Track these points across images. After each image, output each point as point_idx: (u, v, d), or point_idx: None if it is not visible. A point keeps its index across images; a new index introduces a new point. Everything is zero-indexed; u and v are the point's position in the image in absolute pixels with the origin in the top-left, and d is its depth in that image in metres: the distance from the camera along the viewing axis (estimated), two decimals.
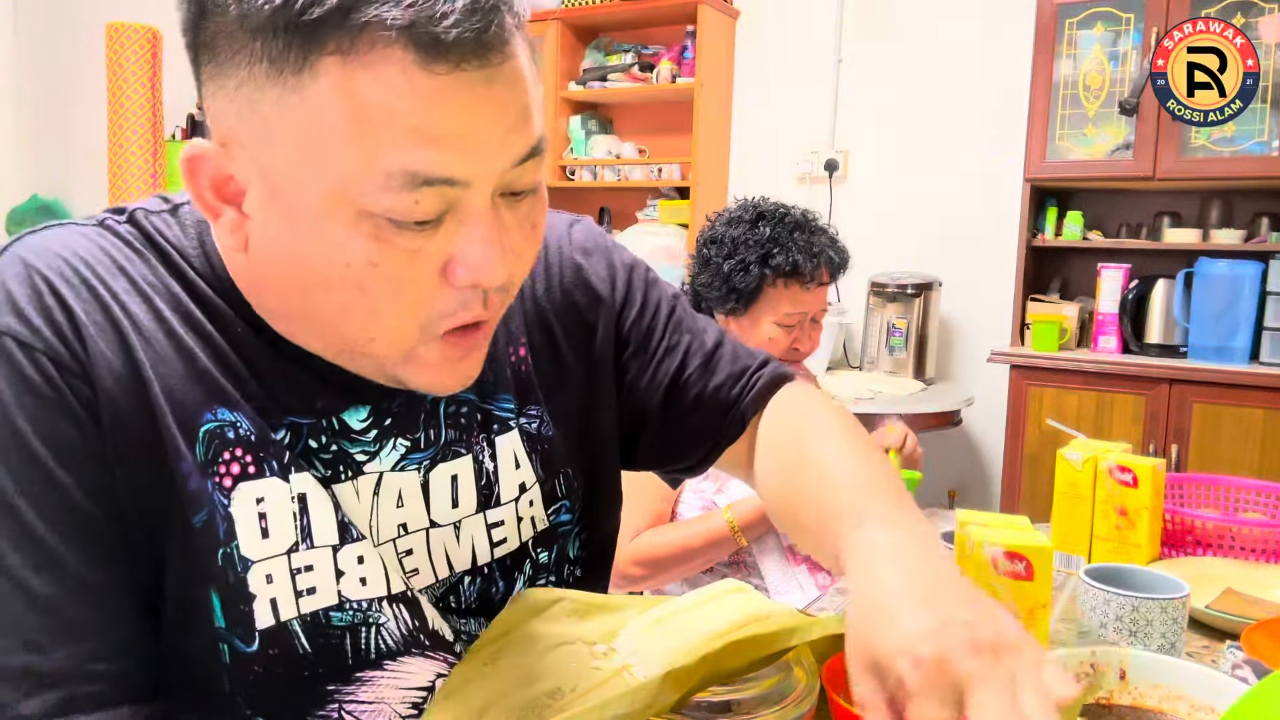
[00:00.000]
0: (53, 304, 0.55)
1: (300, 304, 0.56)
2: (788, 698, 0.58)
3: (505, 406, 0.70)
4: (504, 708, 0.53)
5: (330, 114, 0.48)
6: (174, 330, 0.58)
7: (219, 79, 0.51)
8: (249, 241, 0.55)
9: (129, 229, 0.61)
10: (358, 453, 0.63)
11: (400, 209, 0.49)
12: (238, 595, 0.57)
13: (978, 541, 0.77)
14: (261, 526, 0.58)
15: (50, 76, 5.33)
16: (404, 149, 0.48)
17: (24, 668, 0.51)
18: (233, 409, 0.58)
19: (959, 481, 3.27)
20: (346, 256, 0.51)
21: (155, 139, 3.51)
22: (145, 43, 3.42)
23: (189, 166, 0.53)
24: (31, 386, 0.53)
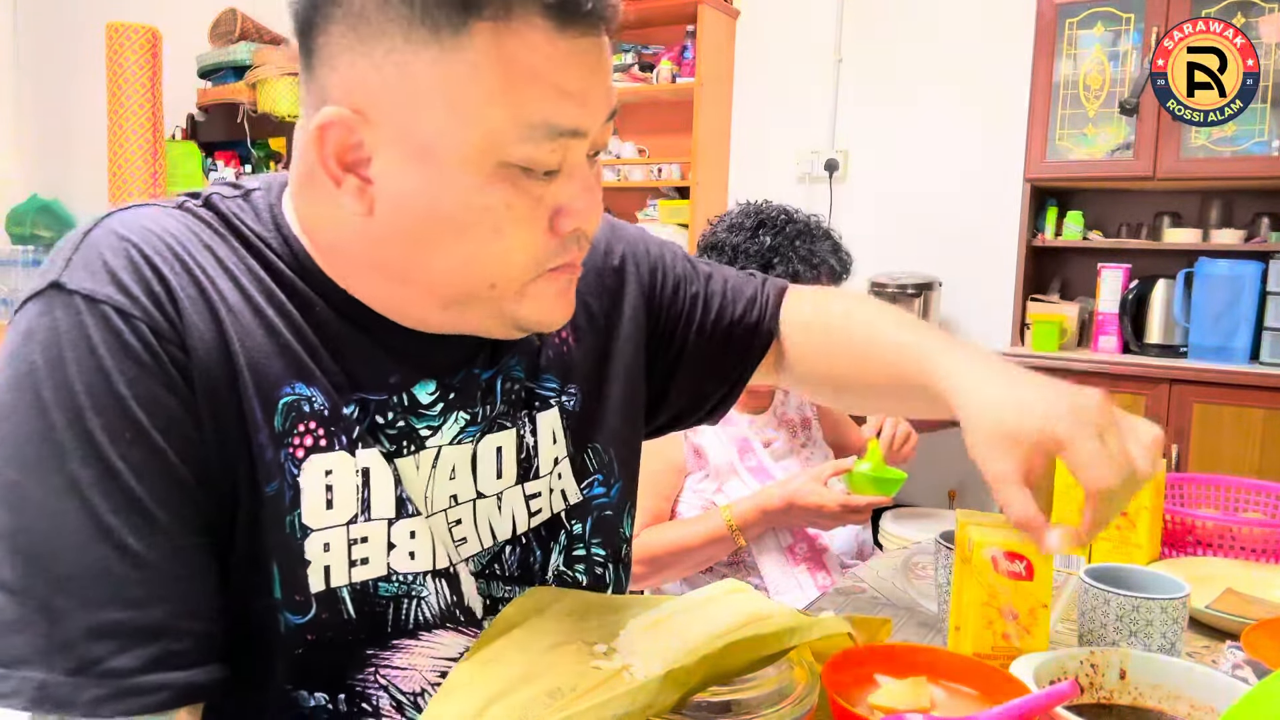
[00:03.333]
0: (149, 275, 0.57)
1: (422, 260, 0.60)
2: (788, 698, 0.58)
3: (549, 385, 0.75)
4: (503, 706, 0.53)
5: (484, 73, 0.54)
6: (258, 306, 0.60)
7: (361, 48, 0.55)
8: (374, 205, 0.58)
9: (207, 212, 0.63)
10: (423, 428, 0.66)
11: (536, 157, 0.57)
12: (296, 563, 0.60)
13: (978, 542, 0.77)
14: (327, 498, 0.61)
15: (50, 76, 5.33)
16: (545, 103, 0.55)
17: (120, 623, 0.53)
18: (309, 383, 0.61)
19: (959, 481, 3.27)
20: (486, 201, 0.57)
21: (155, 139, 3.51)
22: (145, 43, 3.42)
23: (320, 134, 0.57)
24: (131, 353, 0.55)
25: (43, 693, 0.51)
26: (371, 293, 0.64)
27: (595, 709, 0.52)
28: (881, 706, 0.63)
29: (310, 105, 0.60)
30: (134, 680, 0.53)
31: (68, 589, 0.52)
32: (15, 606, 0.52)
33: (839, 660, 0.66)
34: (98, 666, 0.52)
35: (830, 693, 0.61)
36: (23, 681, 0.51)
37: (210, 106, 4.47)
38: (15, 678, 0.51)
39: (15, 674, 0.51)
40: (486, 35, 0.54)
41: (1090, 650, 0.70)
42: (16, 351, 0.55)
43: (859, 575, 1.14)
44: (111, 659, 0.52)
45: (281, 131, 4.32)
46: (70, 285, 0.56)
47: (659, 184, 3.60)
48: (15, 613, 0.52)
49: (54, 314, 0.55)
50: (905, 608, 1.01)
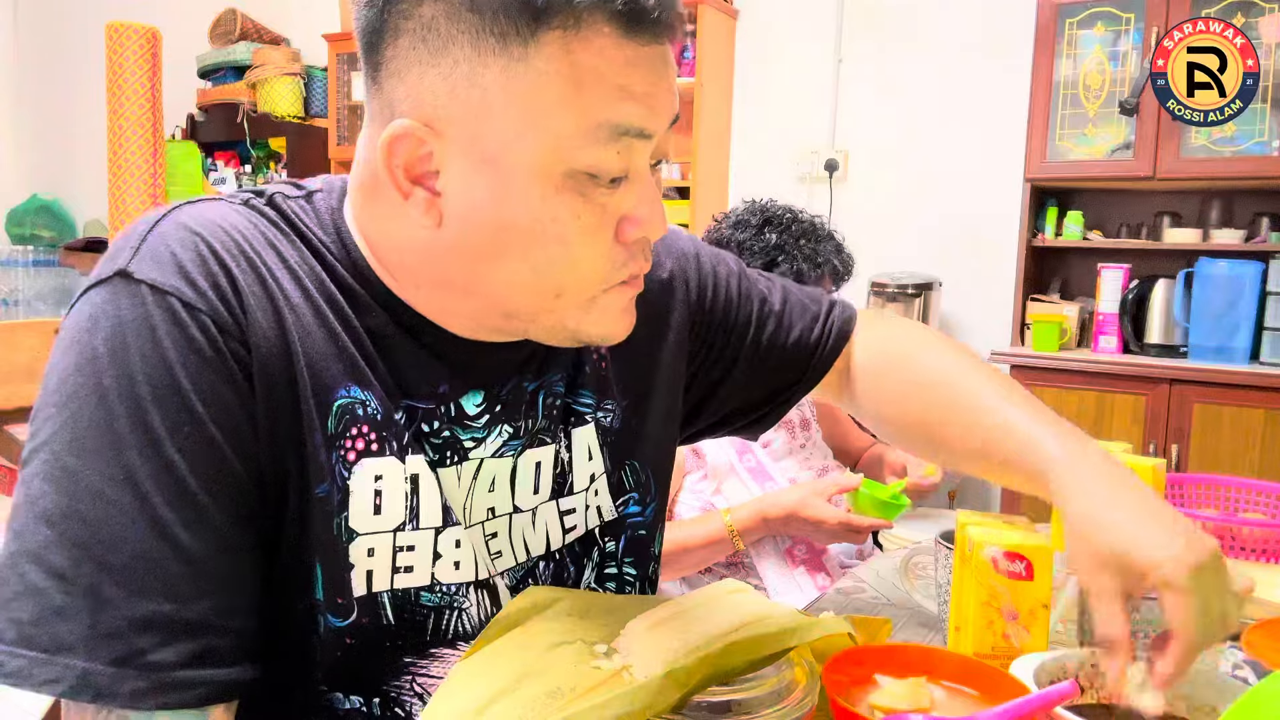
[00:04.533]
0: (216, 269, 0.57)
1: (489, 272, 0.60)
2: (788, 698, 0.58)
3: (585, 401, 0.75)
4: (504, 706, 0.53)
5: (552, 79, 0.55)
6: (319, 307, 0.61)
7: (430, 60, 0.55)
8: (443, 217, 0.58)
9: (271, 211, 0.63)
10: (467, 439, 0.66)
11: (602, 162, 0.57)
12: (340, 565, 0.60)
13: (978, 541, 0.77)
14: (375, 503, 0.61)
15: (50, 76, 5.32)
16: (610, 104, 0.56)
17: (164, 615, 0.53)
18: (364, 388, 0.61)
19: (959, 482, 3.27)
20: (554, 211, 0.57)
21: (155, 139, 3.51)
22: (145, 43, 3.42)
23: (390, 147, 0.57)
24: (195, 346, 0.55)
25: (84, 681, 0.51)
26: (430, 303, 0.64)
27: (595, 709, 0.52)
28: (881, 706, 0.63)
29: (377, 117, 0.59)
30: (174, 674, 0.53)
31: (116, 578, 0.52)
32: (61, 593, 0.52)
33: (839, 660, 0.66)
34: (140, 658, 0.52)
35: (830, 693, 0.61)
36: (65, 669, 0.51)
37: (210, 106, 4.47)
38: (58, 664, 0.51)
39: (58, 661, 0.51)
40: (555, 44, 0.54)
41: (1090, 650, 0.70)
42: (79, 338, 0.55)
43: (859, 575, 1.14)
44: (154, 652, 0.52)
45: (281, 131, 4.32)
46: (138, 274, 0.56)
47: None
48: (61, 599, 0.52)
49: (119, 302, 0.55)
50: (905, 608, 1.01)
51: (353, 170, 0.65)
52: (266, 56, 4.33)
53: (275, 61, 4.32)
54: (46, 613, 0.52)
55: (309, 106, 4.41)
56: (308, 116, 4.41)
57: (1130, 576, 0.61)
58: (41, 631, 0.52)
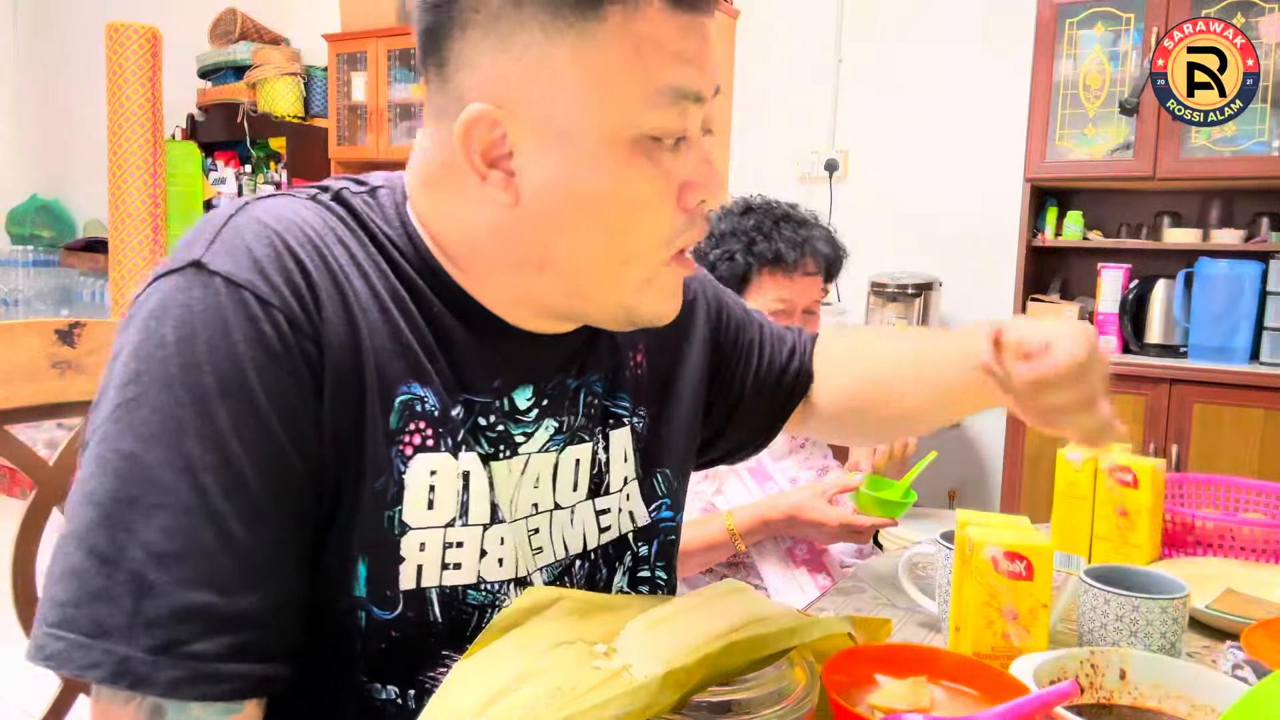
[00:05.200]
0: (291, 266, 0.58)
1: (564, 242, 0.62)
2: (788, 698, 0.58)
3: (622, 404, 0.77)
4: (504, 706, 0.53)
5: (616, 50, 0.58)
6: (385, 304, 0.62)
7: (501, 45, 0.59)
8: (519, 194, 0.61)
9: (339, 207, 0.64)
10: (518, 434, 0.68)
11: (666, 124, 0.60)
12: (389, 558, 0.61)
13: (978, 542, 0.77)
14: (429, 498, 0.62)
15: (50, 76, 5.32)
16: (669, 69, 0.60)
17: (208, 606, 0.53)
18: (425, 384, 0.62)
19: (959, 481, 3.27)
20: (626, 175, 0.60)
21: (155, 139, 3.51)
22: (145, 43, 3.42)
23: (468, 130, 0.59)
24: (265, 342, 0.55)
25: (123, 668, 0.51)
26: (496, 291, 0.66)
27: (595, 709, 0.52)
28: (881, 706, 0.63)
29: (445, 112, 0.62)
30: (213, 666, 0.53)
31: (163, 565, 0.52)
32: (104, 576, 0.52)
33: (839, 660, 0.66)
34: (180, 648, 0.52)
35: (830, 693, 0.61)
36: (105, 654, 0.51)
37: (210, 106, 4.47)
38: (98, 649, 0.51)
39: (98, 645, 0.51)
40: (617, 18, 0.58)
41: (1090, 650, 0.70)
42: (147, 324, 0.55)
43: (859, 575, 1.14)
44: (194, 642, 0.52)
45: (281, 131, 4.32)
46: (212, 266, 0.56)
47: None
48: (103, 582, 0.52)
49: (192, 292, 0.55)
50: (905, 608, 1.01)
51: (412, 168, 0.67)
52: (266, 56, 4.33)
53: (275, 61, 4.32)
54: (87, 595, 0.52)
55: (309, 106, 4.40)
56: (308, 116, 4.40)
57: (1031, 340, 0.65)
58: (82, 614, 0.52)
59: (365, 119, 4.15)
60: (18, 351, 0.84)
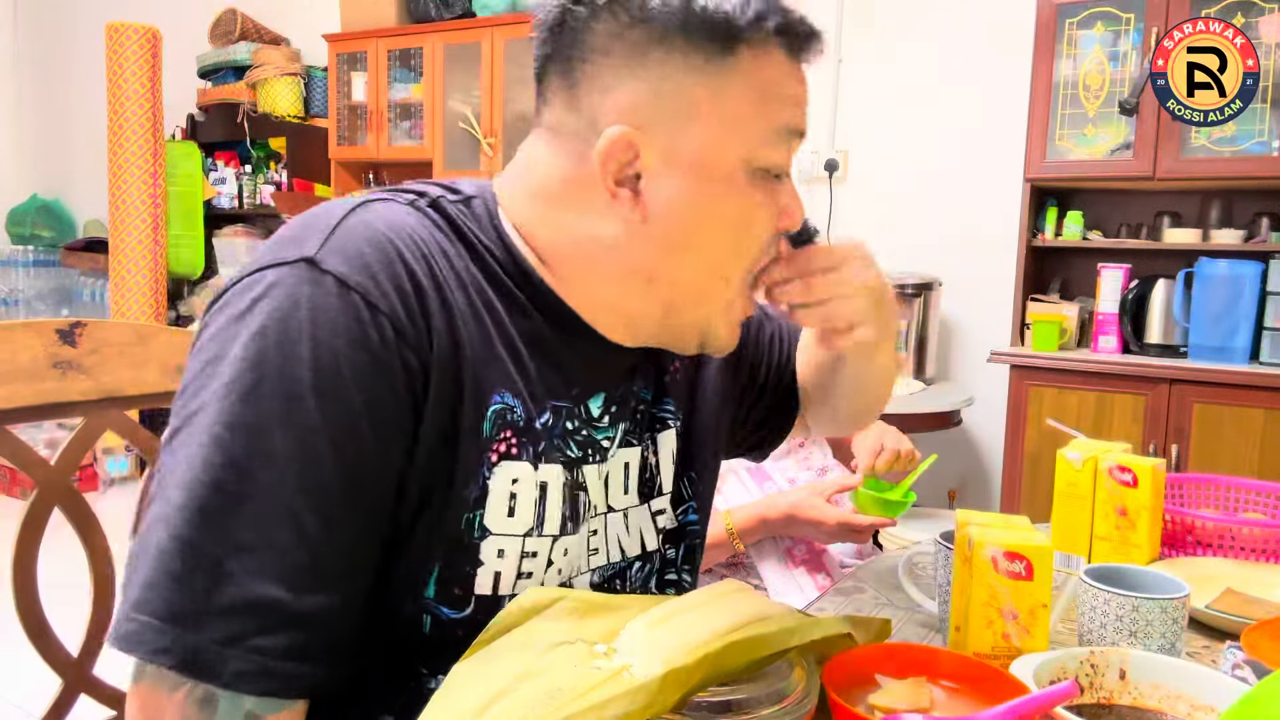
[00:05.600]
0: (402, 273, 0.59)
1: (679, 260, 0.66)
2: (788, 698, 0.58)
3: (667, 409, 0.80)
4: (504, 706, 0.53)
5: (748, 90, 0.64)
6: (479, 313, 0.64)
7: (641, 73, 0.63)
8: (648, 213, 0.64)
9: (436, 215, 0.65)
10: (602, 439, 0.71)
11: (778, 159, 0.66)
12: (466, 560, 0.62)
13: (978, 541, 0.77)
14: (510, 505, 0.64)
15: (50, 76, 5.32)
16: (787, 110, 0.66)
17: (277, 602, 0.53)
18: (514, 394, 0.64)
19: (959, 481, 3.27)
20: (746, 202, 0.66)
21: (155, 139, 3.51)
22: (145, 43, 3.42)
23: (609, 152, 0.63)
24: (369, 345, 0.56)
25: (193, 656, 0.51)
26: (590, 294, 0.68)
27: (595, 709, 0.52)
28: (881, 706, 0.63)
29: (572, 128, 0.65)
30: (275, 663, 0.53)
31: (240, 555, 0.52)
32: (181, 559, 0.52)
33: (839, 660, 0.66)
34: (247, 641, 0.52)
35: (830, 693, 0.61)
36: (177, 641, 0.51)
37: (210, 106, 4.47)
38: (171, 635, 0.51)
39: (172, 631, 0.51)
40: (747, 61, 0.63)
41: (1090, 650, 0.70)
42: (249, 312, 0.55)
43: (859, 575, 1.14)
44: (258, 636, 0.52)
45: (281, 131, 4.32)
46: (325, 265, 0.56)
47: None
48: (180, 565, 0.52)
49: (301, 288, 0.56)
50: (905, 608, 1.01)
51: (516, 177, 0.69)
52: (266, 56, 4.33)
53: (275, 61, 4.32)
54: (164, 576, 0.52)
55: (309, 106, 4.40)
56: (308, 116, 4.40)
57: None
58: (155, 596, 0.52)
59: (365, 119, 4.15)
60: (18, 351, 0.84)
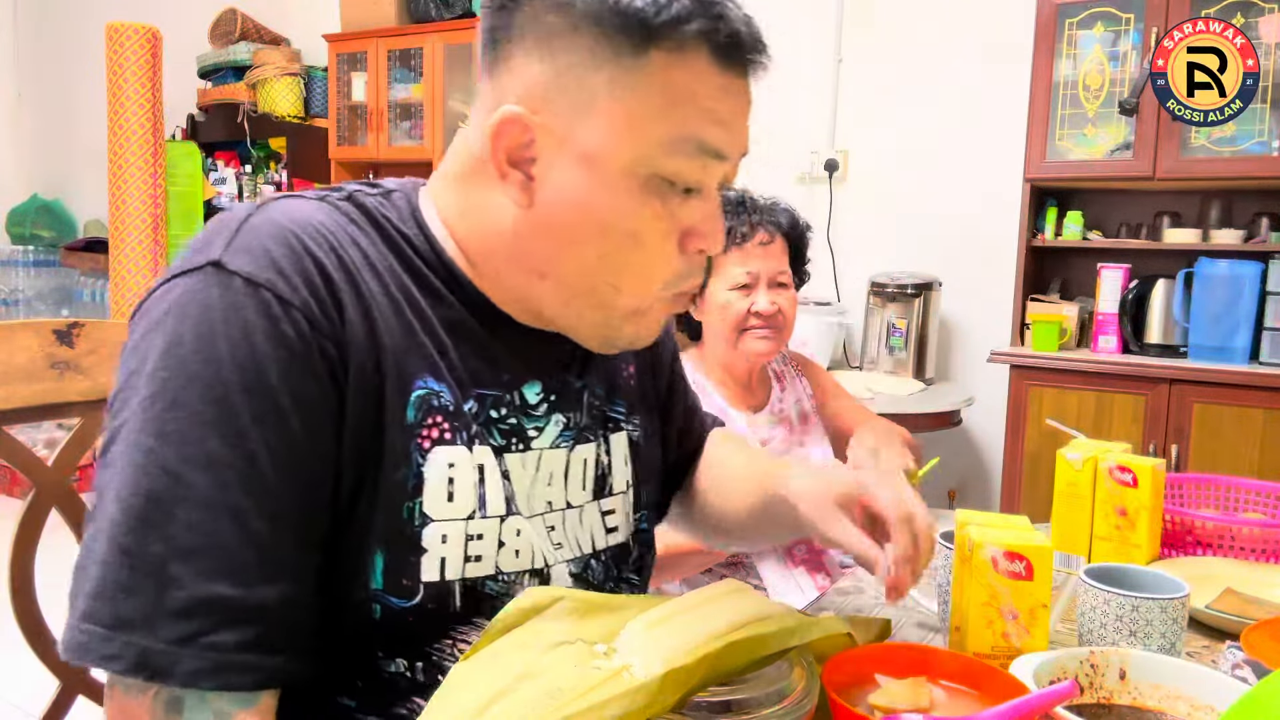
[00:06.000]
0: (310, 265, 0.59)
1: (562, 254, 0.64)
2: (788, 698, 0.58)
3: (619, 410, 0.80)
4: (503, 706, 0.53)
5: (652, 92, 0.61)
6: (397, 301, 0.64)
7: (549, 59, 0.62)
8: (535, 198, 0.64)
9: (351, 207, 0.66)
10: (530, 428, 0.71)
11: (682, 172, 0.63)
12: (409, 548, 0.62)
13: (978, 542, 0.77)
14: (449, 490, 0.64)
15: (50, 76, 5.32)
16: (699, 123, 0.62)
17: (228, 598, 0.54)
18: (439, 380, 0.64)
19: (959, 481, 3.27)
20: (633, 207, 0.63)
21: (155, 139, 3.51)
22: (145, 43, 3.42)
23: (499, 129, 0.62)
24: (286, 341, 0.56)
25: (143, 659, 0.52)
26: (504, 289, 0.68)
27: (595, 709, 0.52)
28: (881, 706, 0.63)
29: (488, 105, 0.64)
30: (233, 657, 0.54)
31: (185, 558, 0.53)
32: (126, 569, 0.53)
33: (839, 660, 0.66)
34: (200, 639, 0.53)
35: (830, 693, 0.61)
36: (126, 646, 0.52)
37: (210, 106, 4.47)
38: (118, 641, 0.52)
39: (119, 637, 0.52)
40: (660, 62, 0.61)
41: (1090, 650, 0.70)
42: (163, 322, 0.56)
43: (859, 575, 1.14)
44: (214, 633, 0.53)
45: (281, 131, 4.32)
46: (231, 265, 0.57)
47: None
48: (125, 575, 0.53)
49: (210, 291, 0.56)
50: (905, 608, 1.01)
51: (446, 163, 0.69)
52: (266, 56, 4.33)
53: (275, 61, 4.31)
54: (110, 587, 0.53)
55: (309, 106, 4.40)
56: (308, 116, 4.40)
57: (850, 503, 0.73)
58: (104, 606, 0.53)
59: (365, 119, 4.15)
60: (17, 352, 0.84)
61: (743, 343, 1.49)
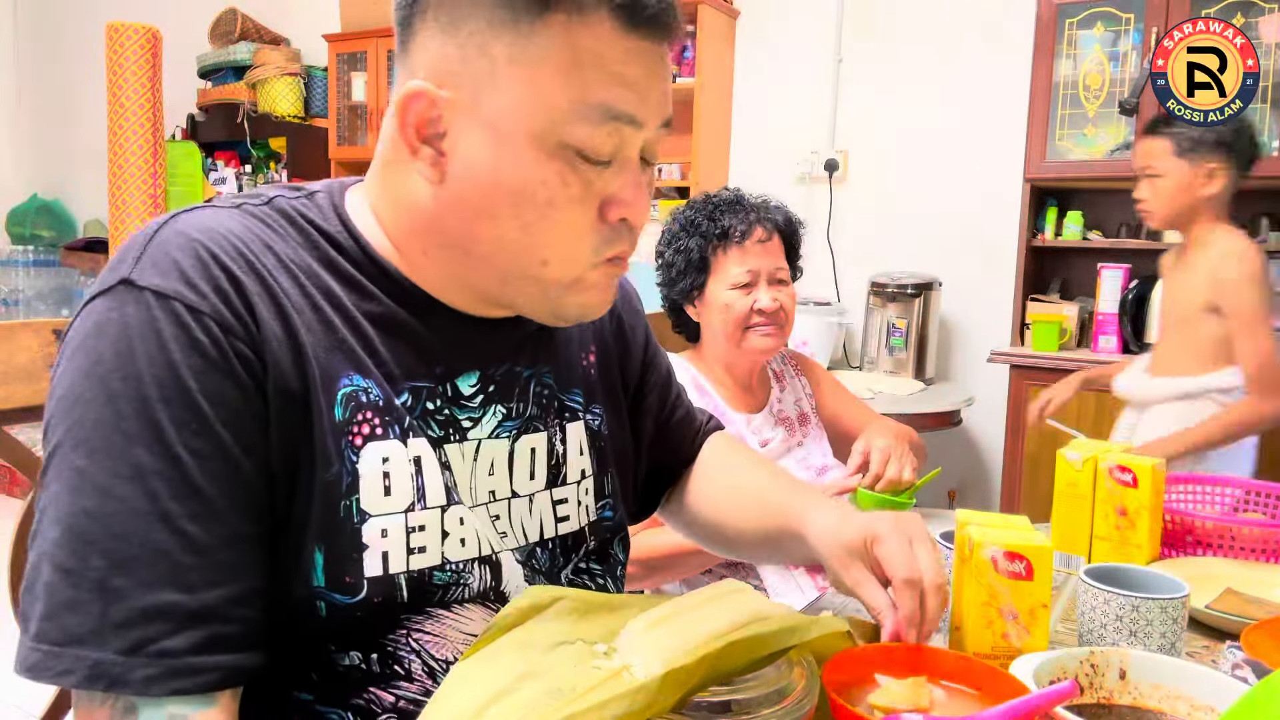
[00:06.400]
0: (218, 274, 0.59)
1: (481, 230, 0.64)
2: (788, 698, 0.58)
3: (575, 399, 0.79)
4: (503, 706, 0.53)
5: (553, 57, 0.60)
6: (317, 303, 0.64)
7: (450, 29, 0.61)
8: (446, 174, 0.63)
9: (268, 210, 0.66)
10: (465, 419, 0.70)
11: (592, 141, 0.62)
12: (350, 545, 0.62)
13: (978, 541, 0.77)
14: (385, 485, 0.64)
15: (50, 76, 5.32)
16: (605, 88, 0.61)
17: (174, 604, 0.55)
18: (365, 376, 0.64)
19: (959, 481, 3.28)
20: (543, 176, 0.62)
21: (155, 139, 3.51)
22: (145, 43, 3.42)
23: (404, 103, 0.62)
24: (199, 348, 0.57)
25: (96, 671, 0.53)
26: (435, 275, 0.68)
27: (595, 709, 0.52)
28: (881, 706, 0.63)
29: (400, 84, 0.64)
30: (185, 661, 0.54)
31: (125, 570, 0.54)
32: (70, 587, 0.54)
33: (839, 660, 0.66)
34: (150, 646, 0.54)
35: (830, 692, 0.61)
36: (76, 660, 0.53)
37: (210, 106, 4.47)
38: (69, 656, 0.53)
39: (69, 652, 0.53)
40: (560, 25, 0.60)
41: (1090, 650, 0.70)
42: (84, 344, 0.57)
43: None
44: (164, 639, 0.54)
45: (281, 131, 4.32)
46: (141, 282, 0.58)
47: (659, 184, 3.60)
48: (70, 593, 0.54)
49: (124, 309, 0.57)
50: None
51: (376, 155, 0.69)
52: (266, 56, 4.33)
53: (275, 61, 4.32)
54: (57, 607, 0.54)
55: (309, 106, 4.40)
56: (308, 116, 4.40)
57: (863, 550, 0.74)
58: (53, 626, 0.53)
59: (365, 119, 4.15)
60: (16, 352, 0.84)
61: (746, 340, 1.50)
